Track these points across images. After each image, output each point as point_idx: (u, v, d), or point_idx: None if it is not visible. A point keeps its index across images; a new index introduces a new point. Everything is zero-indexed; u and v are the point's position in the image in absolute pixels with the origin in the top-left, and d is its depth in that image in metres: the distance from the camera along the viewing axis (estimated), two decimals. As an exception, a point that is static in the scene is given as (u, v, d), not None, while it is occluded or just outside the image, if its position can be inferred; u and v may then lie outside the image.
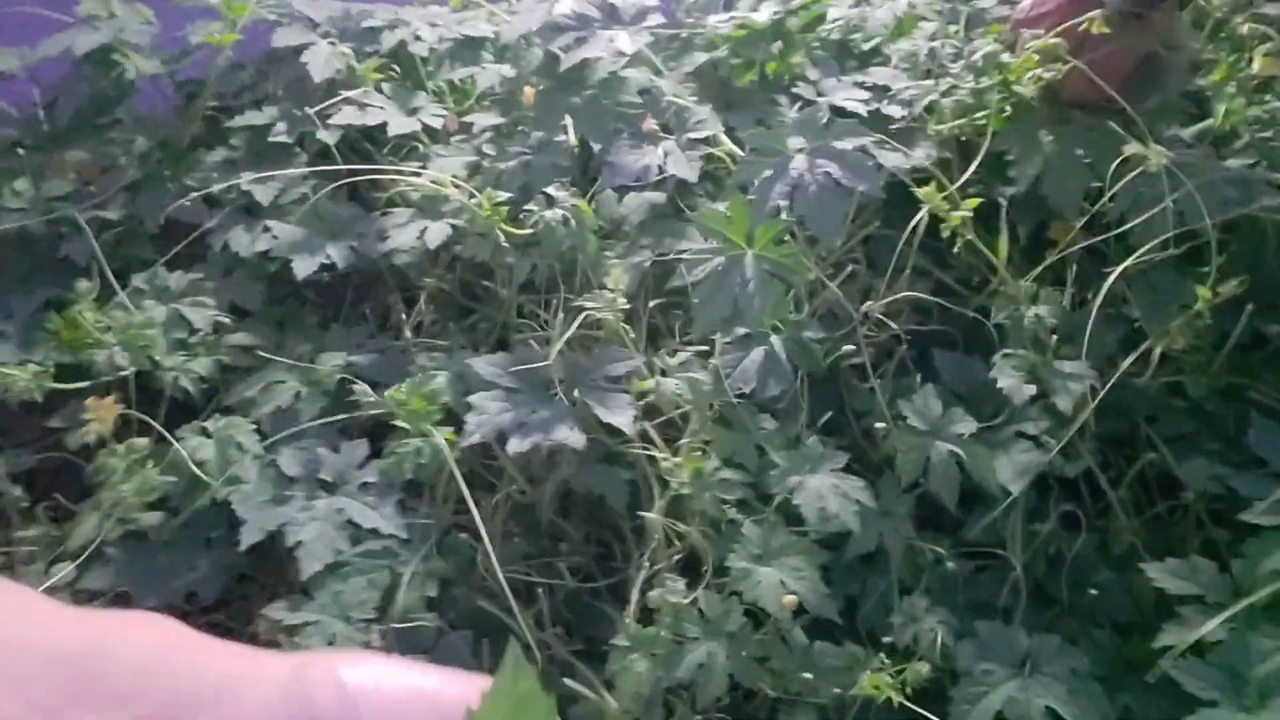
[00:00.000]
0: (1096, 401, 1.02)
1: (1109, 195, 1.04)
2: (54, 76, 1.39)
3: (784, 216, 1.05)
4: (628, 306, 1.09)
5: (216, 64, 1.36)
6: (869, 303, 1.12)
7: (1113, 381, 1.02)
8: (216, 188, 1.25)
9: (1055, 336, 1.07)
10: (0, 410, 1.12)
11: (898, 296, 1.12)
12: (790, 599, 0.95)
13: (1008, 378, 1.04)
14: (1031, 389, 1.04)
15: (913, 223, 1.08)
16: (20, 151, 1.36)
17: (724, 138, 1.18)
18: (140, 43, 1.35)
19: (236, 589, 1.14)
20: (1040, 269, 1.09)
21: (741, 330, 1.07)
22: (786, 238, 1.06)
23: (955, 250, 1.08)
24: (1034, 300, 1.06)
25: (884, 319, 1.12)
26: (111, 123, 1.36)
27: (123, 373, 1.12)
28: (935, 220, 1.06)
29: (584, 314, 1.09)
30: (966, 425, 1.05)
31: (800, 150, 1.07)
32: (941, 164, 1.12)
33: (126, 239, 1.29)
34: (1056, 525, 1.07)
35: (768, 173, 1.07)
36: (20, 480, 1.16)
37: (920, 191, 1.05)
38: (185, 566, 1.07)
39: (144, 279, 1.22)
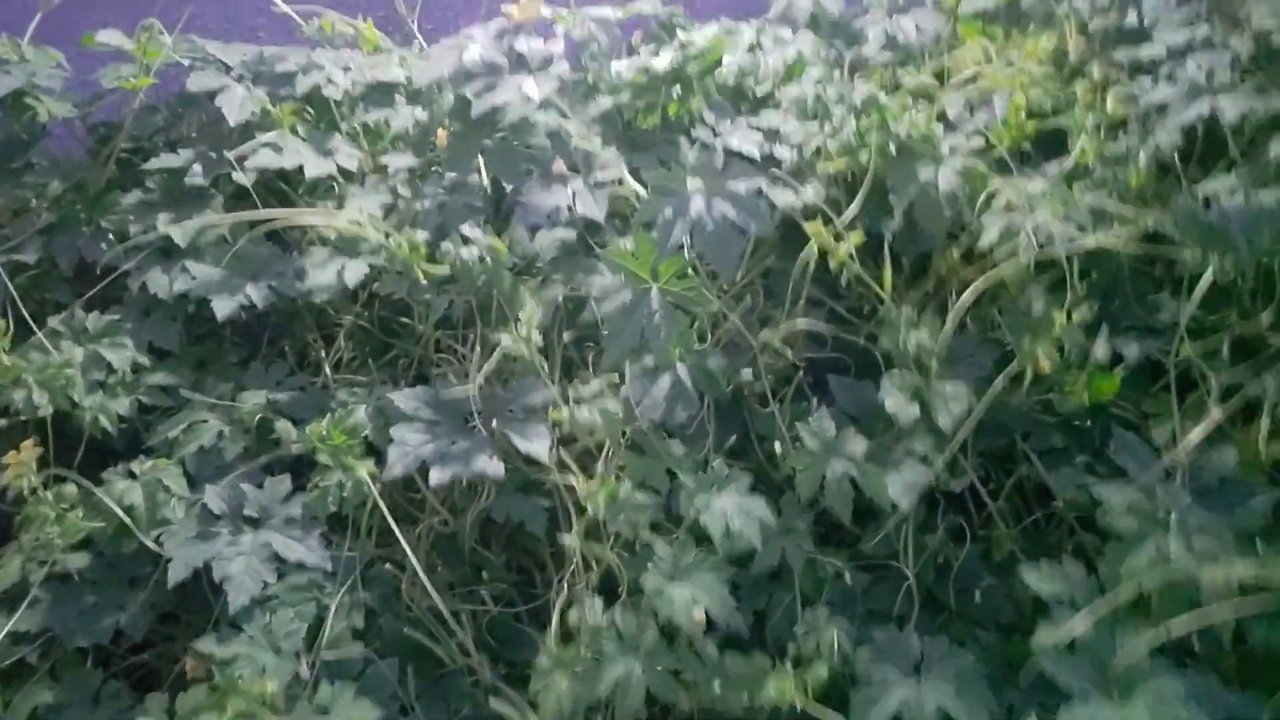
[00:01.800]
0: (974, 419, 1.11)
1: (971, 225, 1.13)
2: (-37, 121, 1.40)
3: (685, 253, 1.12)
4: (542, 340, 1.15)
5: (130, 107, 1.38)
6: (767, 331, 1.20)
7: (989, 401, 1.11)
8: (134, 231, 1.27)
9: (936, 360, 1.15)
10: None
11: (794, 326, 1.19)
12: (699, 612, 1.01)
13: (894, 399, 1.12)
14: (916, 410, 1.12)
15: (805, 256, 1.16)
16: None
17: (629, 178, 1.25)
18: (52, 86, 1.36)
19: (162, 629, 1.16)
20: (920, 296, 1.18)
21: (650, 360, 1.14)
22: (689, 272, 1.13)
23: (845, 282, 1.16)
24: (916, 327, 1.15)
25: (782, 347, 1.20)
26: (24, 166, 1.37)
27: (41, 413, 1.14)
28: (826, 254, 1.14)
29: (500, 348, 1.14)
30: (859, 445, 1.12)
31: (698, 191, 1.14)
32: (831, 201, 1.21)
33: (41, 281, 1.30)
34: (944, 536, 1.16)
35: (669, 212, 1.14)
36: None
37: (809, 227, 1.13)
38: (113, 606, 1.09)
39: (61, 320, 1.24)
